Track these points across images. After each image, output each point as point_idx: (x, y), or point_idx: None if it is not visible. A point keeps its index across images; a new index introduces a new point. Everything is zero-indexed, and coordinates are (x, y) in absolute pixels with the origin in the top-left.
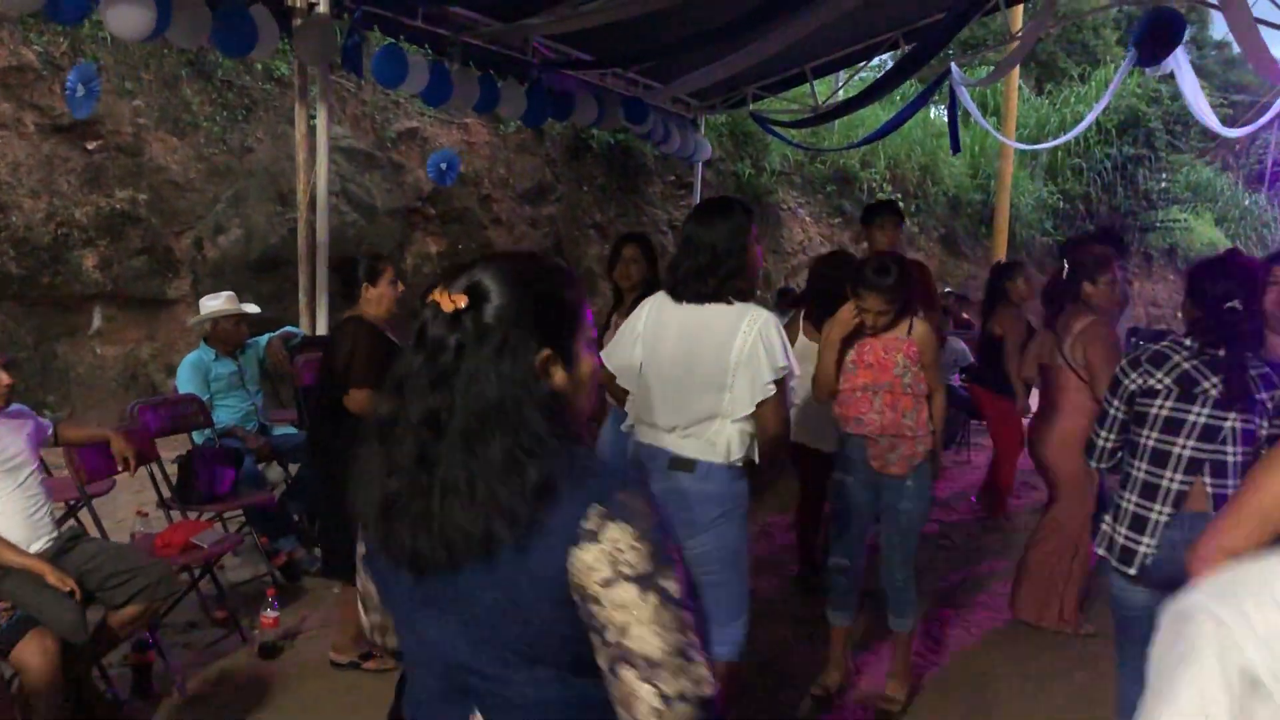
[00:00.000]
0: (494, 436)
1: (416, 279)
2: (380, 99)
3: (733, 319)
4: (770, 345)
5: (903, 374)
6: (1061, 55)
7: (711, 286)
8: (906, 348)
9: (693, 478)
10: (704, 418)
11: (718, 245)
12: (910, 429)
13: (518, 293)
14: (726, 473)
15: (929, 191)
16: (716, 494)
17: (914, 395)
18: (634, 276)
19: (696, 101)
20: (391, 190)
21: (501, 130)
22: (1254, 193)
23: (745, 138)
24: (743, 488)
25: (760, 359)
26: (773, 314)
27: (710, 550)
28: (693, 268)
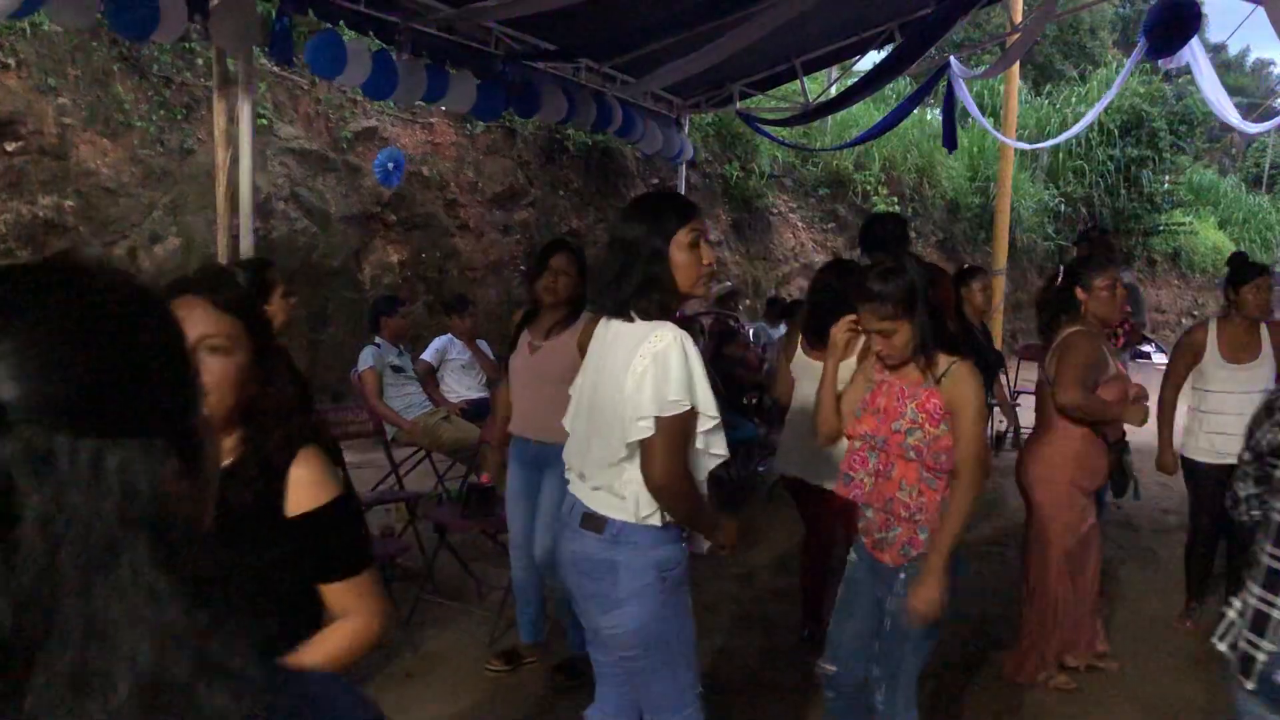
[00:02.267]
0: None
1: (376, 291)
2: (336, 96)
3: (635, 341)
4: (664, 373)
5: (907, 432)
6: (1058, 56)
7: (620, 297)
8: (926, 399)
9: (600, 540)
10: (611, 463)
11: (634, 246)
12: (908, 508)
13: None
14: (643, 534)
15: (926, 195)
16: (629, 561)
17: (922, 465)
18: (560, 291)
19: (679, 99)
20: (347, 195)
21: (469, 130)
22: (1255, 194)
23: (733, 138)
24: (671, 553)
25: (644, 390)
26: (684, 336)
27: (628, 631)
28: (607, 274)
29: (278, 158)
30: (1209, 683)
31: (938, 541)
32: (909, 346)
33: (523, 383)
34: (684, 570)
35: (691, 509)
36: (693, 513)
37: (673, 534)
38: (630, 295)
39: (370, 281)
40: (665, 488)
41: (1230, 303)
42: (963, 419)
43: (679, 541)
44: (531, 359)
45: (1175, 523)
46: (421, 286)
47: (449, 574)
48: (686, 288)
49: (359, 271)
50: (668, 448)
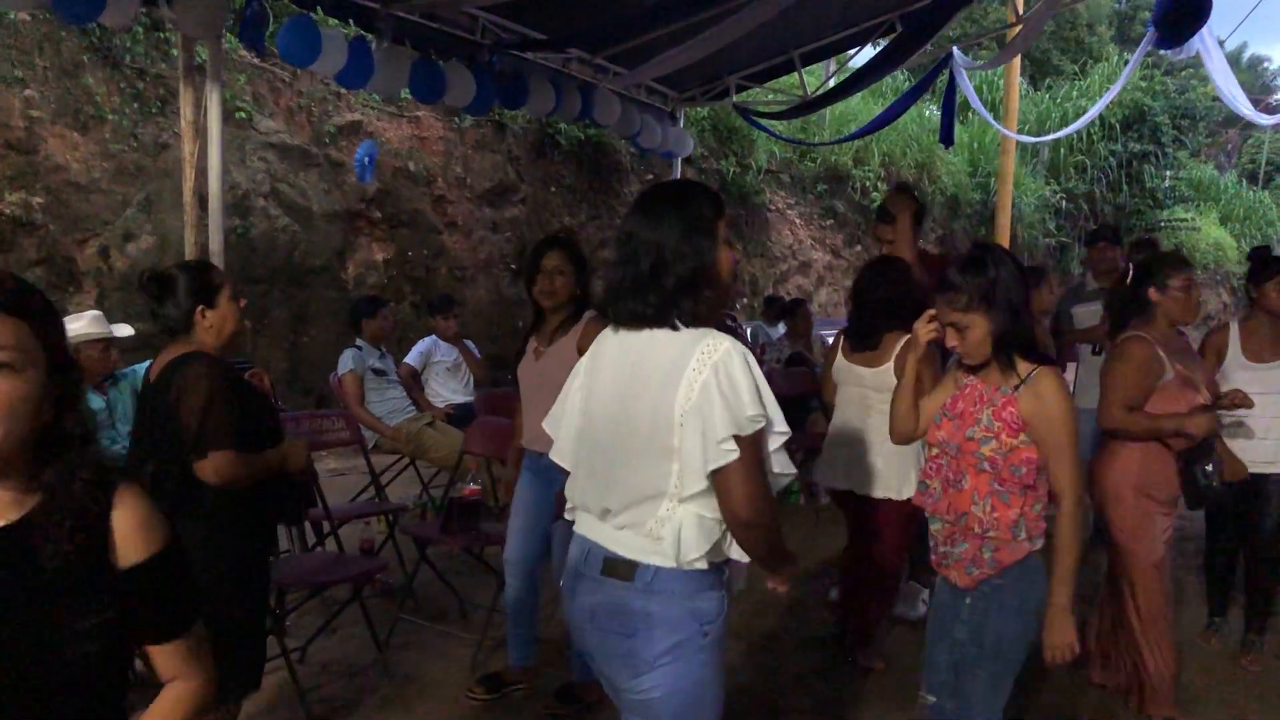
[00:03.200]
0: None
1: (360, 291)
2: (319, 89)
3: (680, 352)
4: (732, 386)
5: (981, 441)
6: (1056, 52)
7: (654, 305)
8: (1003, 406)
9: (631, 589)
10: (644, 498)
11: (665, 246)
12: (981, 524)
13: None
14: (683, 581)
15: (926, 190)
16: (666, 614)
17: (995, 477)
18: (559, 292)
19: (674, 93)
20: (330, 191)
21: (458, 124)
22: (1255, 190)
23: (730, 133)
24: (713, 602)
25: (714, 406)
26: (738, 344)
27: (661, 697)
28: (629, 279)
29: (257, 152)
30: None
31: (1056, 578)
32: (985, 344)
33: (530, 392)
34: (724, 623)
35: (775, 546)
36: (776, 549)
37: (715, 579)
38: (673, 298)
39: (354, 281)
40: (755, 523)
41: (1252, 300)
42: (1051, 436)
43: (721, 587)
44: (537, 365)
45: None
46: (408, 286)
47: (431, 592)
48: (723, 290)
49: (342, 271)
50: (752, 474)
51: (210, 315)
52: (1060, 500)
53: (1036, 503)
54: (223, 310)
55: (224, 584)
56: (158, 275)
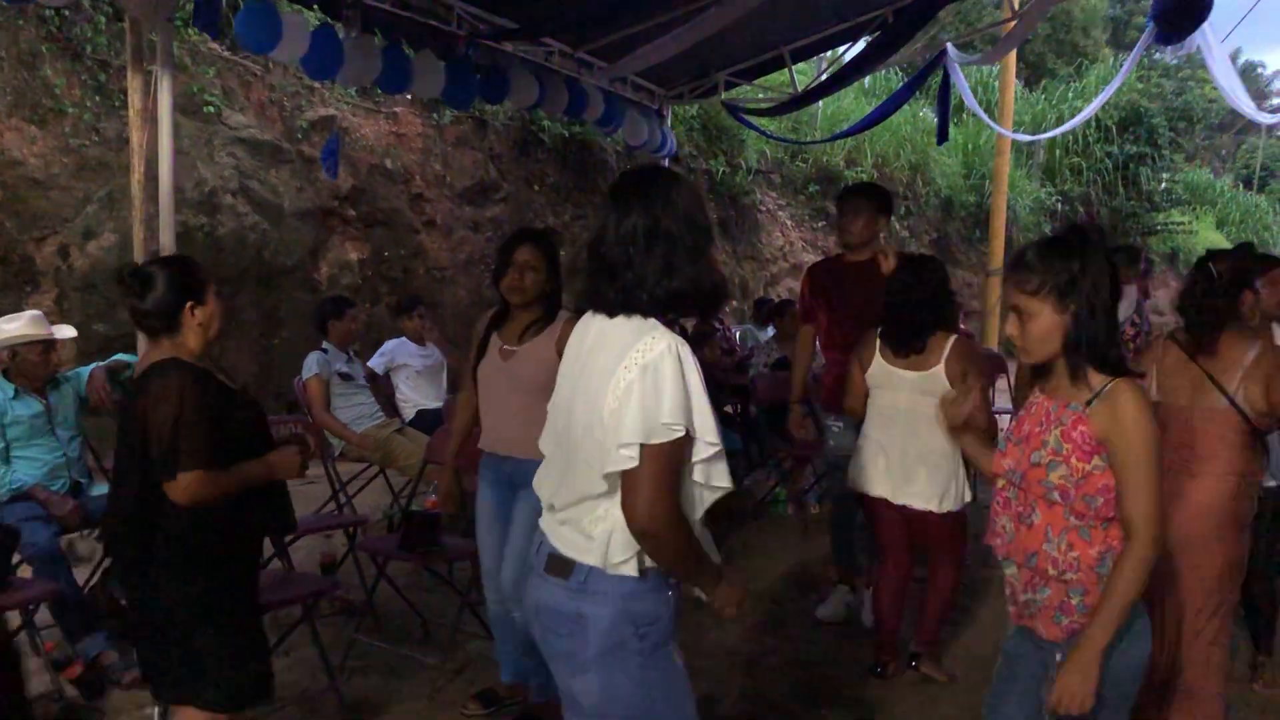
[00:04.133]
0: None
1: (333, 290)
2: (291, 83)
3: (621, 347)
4: (656, 390)
5: (1048, 467)
6: (1050, 55)
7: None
8: (1073, 425)
9: (566, 588)
10: (583, 496)
11: (636, 232)
12: (1056, 565)
13: None
14: (614, 582)
15: (920, 192)
16: (598, 615)
17: (1069, 510)
18: (529, 289)
19: (661, 89)
20: (303, 188)
21: (436, 120)
22: (1250, 194)
23: (719, 132)
24: (650, 606)
25: (629, 409)
26: (680, 342)
27: (601, 701)
28: (602, 265)
29: (226, 148)
30: None
31: (1096, 619)
32: (1048, 342)
33: (494, 392)
34: (668, 626)
35: (682, 558)
36: (683, 562)
37: (654, 583)
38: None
39: (328, 281)
40: (650, 532)
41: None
42: (1125, 459)
43: (663, 590)
44: (504, 365)
45: None
46: (384, 287)
47: (392, 610)
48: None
49: (315, 271)
50: (655, 482)
51: (200, 312)
52: (1130, 534)
53: None
54: (211, 307)
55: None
56: (140, 270)
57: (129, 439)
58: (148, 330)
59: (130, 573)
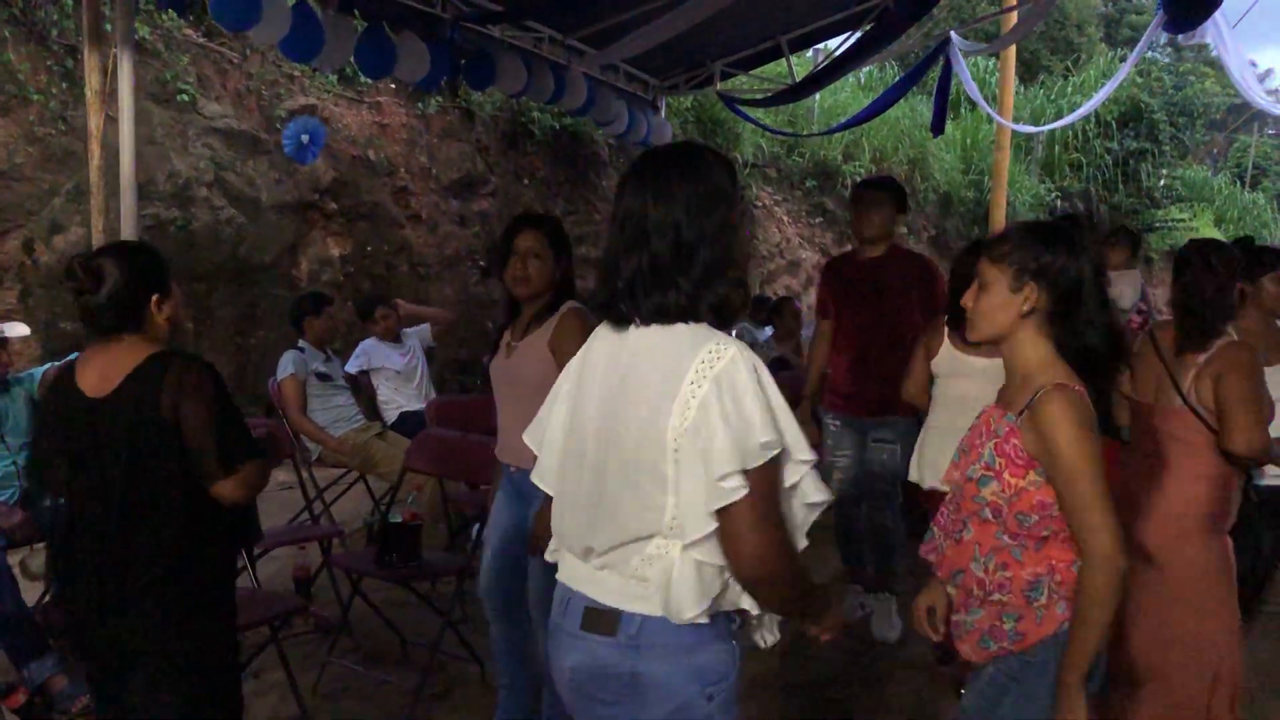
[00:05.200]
0: None
1: (315, 287)
2: (269, 71)
3: (678, 359)
4: (737, 405)
5: (980, 481)
6: (1045, 52)
7: (686, 293)
8: (1007, 436)
9: (614, 645)
10: (632, 537)
11: (683, 224)
12: (983, 586)
13: None
14: (676, 633)
15: (918, 188)
16: (658, 674)
17: (1004, 528)
18: (533, 279)
19: (655, 80)
20: (281, 181)
21: (422, 110)
22: (1248, 192)
23: (714, 125)
24: (719, 658)
25: (715, 432)
26: (746, 350)
27: None
28: (646, 266)
29: (201, 138)
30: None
31: (1071, 650)
32: (994, 319)
33: (501, 395)
34: (736, 683)
35: (801, 593)
36: (801, 600)
37: (722, 628)
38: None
39: (308, 278)
40: (767, 575)
41: (1243, 296)
42: (1058, 474)
43: (728, 638)
44: (507, 364)
45: None
46: (367, 283)
47: (370, 629)
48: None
49: (295, 267)
50: (763, 513)
51: (168, 305)
52: (1085, 558)
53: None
54: (178, 298)
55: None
56: (91, 260)
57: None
58: (102, 327)
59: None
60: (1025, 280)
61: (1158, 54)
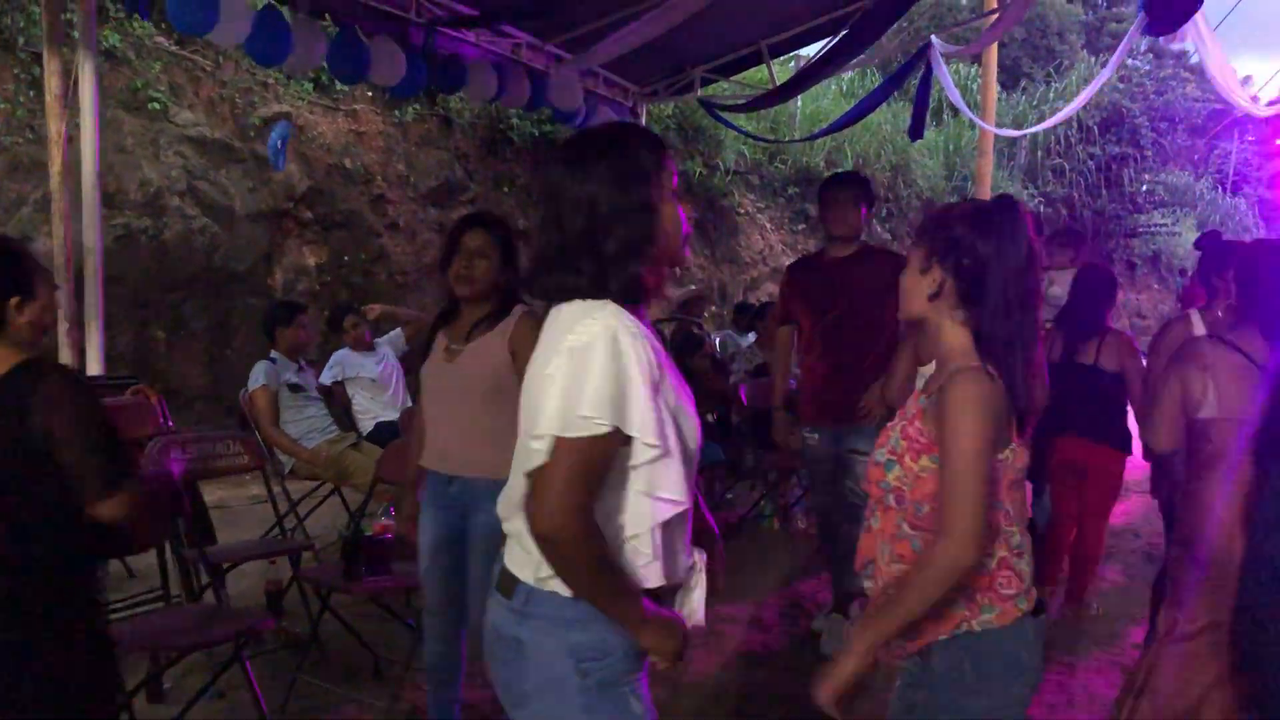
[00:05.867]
0: None
1: (290, 296)
2: (243, 78)
3: (564, 330)
4: (582, 375)
5: (885, 466)
6: (1026, 60)
7: (588, 273)
8: (912, 420)
9: (508, 610)
10: (518, 507)
11: (598, 201)
12: (884, 577)
13: None
14: (555, 605)
15: (901, 193)
16: (536, 643)
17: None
18: (478, 279)
19: (635, 86)
20: (256, 189)
21: (399, 117)
22: (1229, 197)
23: (696, 132)
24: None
25: (549, 396)
26: (628, 328)
27: None
28: (555, 244)
29: (173, 147)
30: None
31: (875, 614)
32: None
33: (437, 400)
34: (624, 662)
35: (590, 579)
36: (593, 585)
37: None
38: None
39: (283, 287)
40: (548, 537)
41: (1213, 291)
42: (942, 458)
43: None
44: (450, 367)
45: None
46: (344, 292)
47: (342, 644)
48: (672, 252)
49: (269, 276)
50: (565, 482)
51: (30, 308)
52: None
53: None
54: (44, 300)
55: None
56: None
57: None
58: None
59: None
60: (932, 261)
61: (1139, 61)
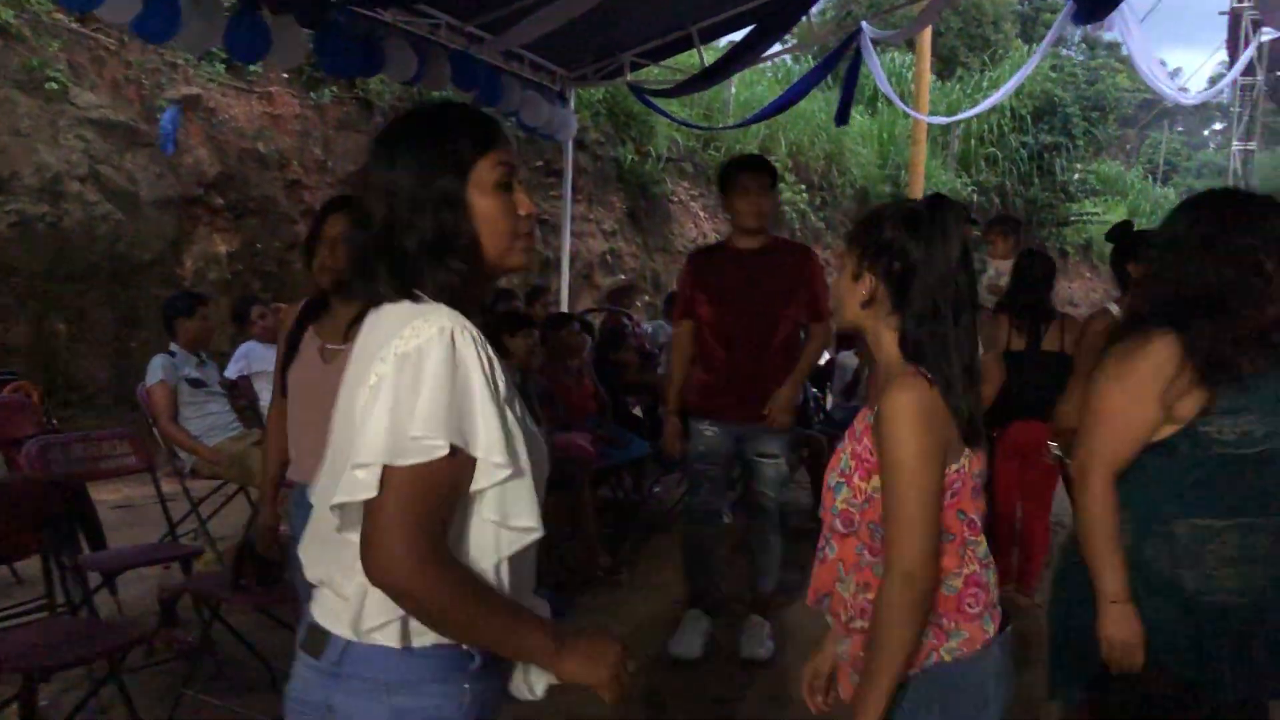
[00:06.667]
0: None
1: (200, 286)
2: (151, 59)
3: (384, 337)
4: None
5: (835, 488)
6: (961, 49)
7: (385, 277)
8: (861, 436)
9: (318, 670)
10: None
11: (407, 191)
12: (848, 609)
13: None
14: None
15: (835, 182)
16: (349, 711)
17: (861, 542)
18: (343, 269)
19: (563, 70)
20: (163, 175)
21: (316, 100)
22: (1163, 186)
23: (628, 118)
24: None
25: (373, 414)
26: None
27: None
28: (365, 239)
29: (73, 130)
30: None
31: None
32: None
33: (311, 405)
34: None
35: (462, 622)
36: (469, 627)
37: (436, 666)
38: (413, 266)
39: (193, 276)
40: (398, 587)
41: (1126, 282)
42: (884, 467)
43: (454, 678)
44: (325, 369)
45: None
46: (258, 282)
47: (236, 655)
48: (498, 255)
49: (178, 265)
50: (404, 518)
51: None
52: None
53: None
54: None
55: None
56: None
57: None
58: None
59: None
60: (864, 266)
61: (1071, 51)
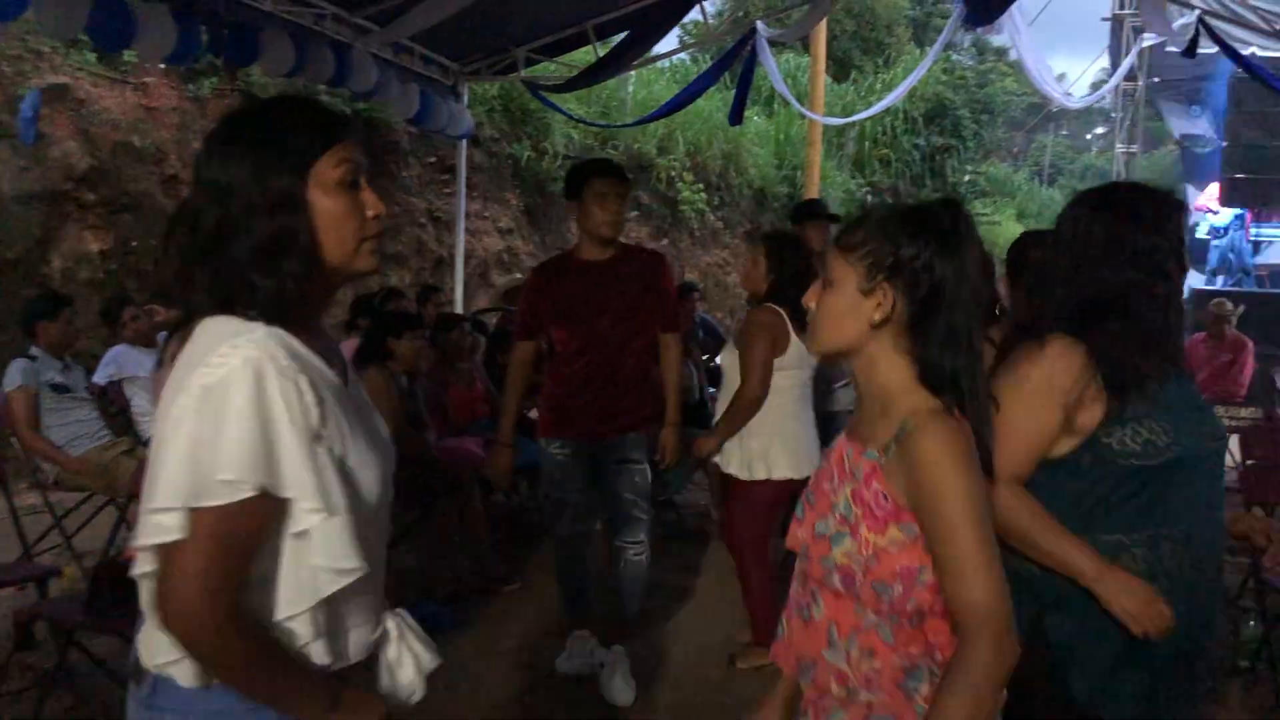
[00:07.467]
0: None
1: (70, 287)
2: (13, 45)
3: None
4: (215, 428)
5: (833, 540)
6: (856, 53)
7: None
8: (866, 480)
9: (137, 702)
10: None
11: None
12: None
13: None
14: (185, 700)
15: (733, 182)
16: None
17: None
18: None
19: (456, 65)
20: (28, 169)
21: (195, 91)
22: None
23: (523, 115)
24: None
25: (171, 452)
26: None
27: None
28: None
29: None
30: None
31: None
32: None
33: None
34: None
35: (251, 675)
36: (255, 681)
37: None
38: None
39: (61, 276)
40: (186, 636)
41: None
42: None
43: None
44: None
45: None
46: (132, 281)
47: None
48: (343, 258)
49: (45, 264)
50: (199, 565)
51: None
52: (961, 639)
53: None
54: None
55: None
56: None
57: None
58: None
59: None
60: (879, 280)
61: (962, 56)
